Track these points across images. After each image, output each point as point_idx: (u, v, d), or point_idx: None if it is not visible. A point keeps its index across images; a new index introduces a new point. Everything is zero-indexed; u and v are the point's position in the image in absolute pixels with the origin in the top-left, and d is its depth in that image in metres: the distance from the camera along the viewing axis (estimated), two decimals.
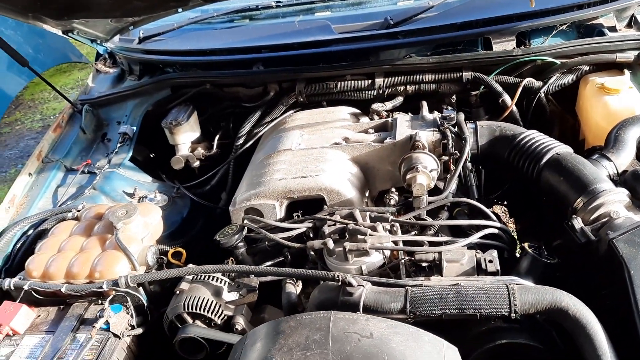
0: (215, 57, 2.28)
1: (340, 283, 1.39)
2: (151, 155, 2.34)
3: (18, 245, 1.83)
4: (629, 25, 2.05)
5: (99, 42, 2.44)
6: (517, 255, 1.60)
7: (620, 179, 1.55)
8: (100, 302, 1.60)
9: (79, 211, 1.87)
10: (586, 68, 1.97)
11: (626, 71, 1.91)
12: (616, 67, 1.95)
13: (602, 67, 1.96)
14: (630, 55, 1.91)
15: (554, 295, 1.26)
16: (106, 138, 2.27)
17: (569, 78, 1.97)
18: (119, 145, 2.18)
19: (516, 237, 1.83)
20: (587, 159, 1.59)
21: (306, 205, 1.72)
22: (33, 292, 1.62)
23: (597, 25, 2.05)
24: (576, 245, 1.45)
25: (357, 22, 2.18)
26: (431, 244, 1.53)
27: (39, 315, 1.62)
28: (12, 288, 1.62)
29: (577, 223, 1.45)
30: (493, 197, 1.95)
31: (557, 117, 2.05)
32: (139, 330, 1.58)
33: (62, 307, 1.63)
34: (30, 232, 1.86)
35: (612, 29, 2.02)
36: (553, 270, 1.46)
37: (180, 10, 2.20)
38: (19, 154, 5.55)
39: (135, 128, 2.24)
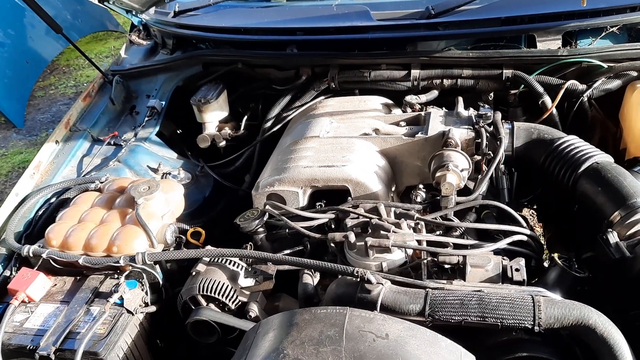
0: (249, 37, 2.24)
1: (359, 279, 1.35)
2: (178, 132, 2.32)
3: (40, 213, 1.83)
4: None
5: (134, 13, 2.42)
6: (545, 265, 1.54)
7: None
8: (116, 276, 1.60)
9: (102, 183, 1.86)
10: (634, 74, 1.87)
11: None
12: None
13: None
14: None
15: (581, 312, 1.21)
16: (135, 111, 2.26)
17: (615, 83, 1.87)
18: (146, 119, 2.16)
19: (544, 245, 1.76)
20: (629, 170, 1.51)
21: (330, 196, 1.68)
22: (51, 261, 1.62)
23: None
24: (609, 260, 1.38)
25: (397, 10, 2.10)
26: (456, 246, 1.48)
27: (55, 284, 1.63)
28: (31, 255, 1.63)
29: (613, 237, 1.38)
30: (524, 201, 1.88)
31: (599, 123, 1.96)
32: (153, 308, 1.58)
33: (78, 278, 1.63)
34: (52, 200, 1.87)
35: None
36: (582, 284, 1.40)
37: None
38: (51, 119, 5.62)
39: (164, 103, 2.22)
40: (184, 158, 2.17)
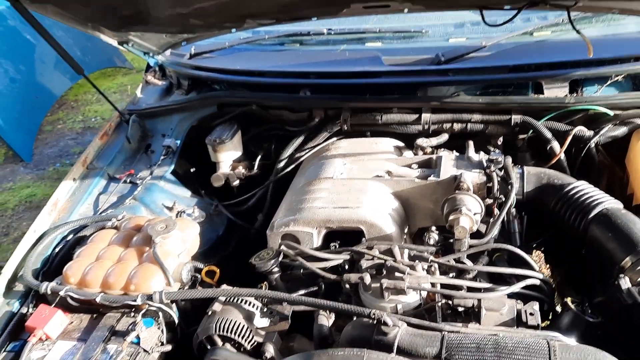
0: (263, 79, 2.31)
1: (375, 321, 1.37)
2: (191, 170, 2.36)
3: (57, 250, 1.85)
4: None
5: (151, 54, 2.50)
6: (557, 309, 1.56)
7: None
8: (132, 314, 1.61)
9: (119, 220, 1.89)
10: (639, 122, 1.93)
11: None
12: None
13: None
14: None
15: (596, 357, 1.22)
16: (150, 149, 2.30)
17: (622, 130, 1.93)
18: (162, 158, 2.21)
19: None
20: (638, 216, 1.54)
21: (343, 237, 1.71)
22: (68, 299, 1.64)
23: None
24: (621, 306, 1.40)
25: (408, 56, 2.18)
26: (470, 289, 1.50)
27: (72, 322, 1.64)
28: (49, 292, 1.64)
29: (625, 283, 1.41)
30: (533, 244, 1.90)
31: (606, 168, 2.00)
32: (168, 347, 1.59)
33: (95, 315, 1.65)
34: (69, 237, 1.89)
35: None
36: (595, 329, 1.42)
37: (234, 30, 2.24)
38: (59, 153, 5.69)
39: (179, 142, 2.27)
40: (198, 196, 2.20)
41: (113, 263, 1.70)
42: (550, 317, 1.57)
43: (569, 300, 1.44)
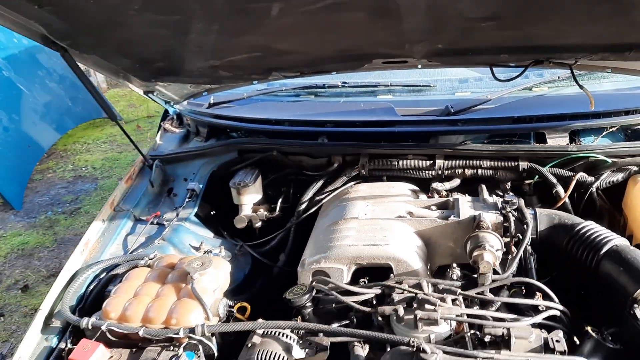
0: (281, 127, 2.45)
1: (415, 349, 1.46)
2: (212, 213, 2.45)
3: (91, 287, 1.91)
4: None
5: (172, 103, 2.63)
6: (575, 339, 1.67)
7: None
8: (172, 348, 1.66)
9: (151, 259, 1.96)
10: (635, 168, 2.12)
11: None
12: None
13: None
14: None
15: None
16: (173, 193, 2.40)
17: (619, 176, 2.11)
18: (187, 200, 2.30)
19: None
20: None
21: (371, 273, 1.82)
22: (108, 334, 1.69)
23: None
24: (637, 333, 1.52)
25: (418, 107, 2.36)
26: (496, 320, 1.61)
27: (112, 356, 1.68)
28: (90, 327, 1.69)
29: (639, 312, 1.54)
30: (544, 281, 2.03)
31: (606, 212, 2.17)
32: None
33: (134, 350, 1.69)
34: (102, 275, 1.95)
35: None
36: (615, 356, 1.53)
37: (256, 82, 2.40)
38: (49, 201, 5.68)
39: (202, 185, 2.37)
40: (221, 238, 2.29)
41: (151, 299, 1.76)
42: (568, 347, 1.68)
43: (589, 328, 1.56)
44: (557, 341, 1.50)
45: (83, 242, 2.04)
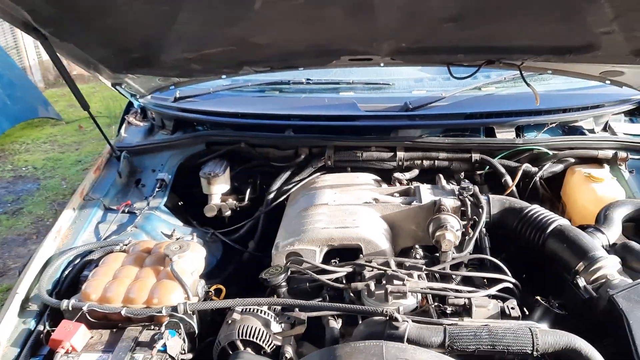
0: (248, 120, 2.55)
1: (387, 318, 1.59)
2: (180, 203, 2.51)
3: (66, 272, 1.93)
4: (604, 130, 2.48)
5: (138, 97, 2.67)
6: (525, 309, 1.86)
7: (612, 249, 1.87)
8: (152, 327, 1.72)
9: (126, 245, 2.01)
10: (572, 160, 2.36)
11: (605, 165, 2.31)
12: (596, 162, 2.34)
13: (585, 160, 2.36)
14: (609, 153, 2.31)
15: (569, 338, 1.51)
16: (141, 183, 2.44)
17: (559, 167, 2.35)
18: (156, 190, 2.35)
19: None
20: (584, 231, 1.91)
21: (341, 254, 1.94)
22: (88, 315, 1.72)
23: (578, 127, 2.47)
24: (579, 301, 1.73)
25: (379, 104, 2.52)
26: (458, 292, 1.77)
27: (93, 337, 1.72)
28: (70, 309, 1.72)
29: (582, 282, 1.74)
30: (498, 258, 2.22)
31: (547, 200, 2.40)
32: (189, 356, 1.71)
33: (115, 330, 1.74)
34: (77, 261, 1.98)
35: (591, 131, 2.45)
36: (561, 321, 1.73)
37: (224, 77, 2.48)
38: None
39: (170, 176, 2.43)
40: (191, 226, 2.35)
41: (131, 281, 1.81)
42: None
43: (538, 298, 1.75)
44: (512, 308, 1.68)
45: (55, 230, 2.06)
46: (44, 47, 1.85)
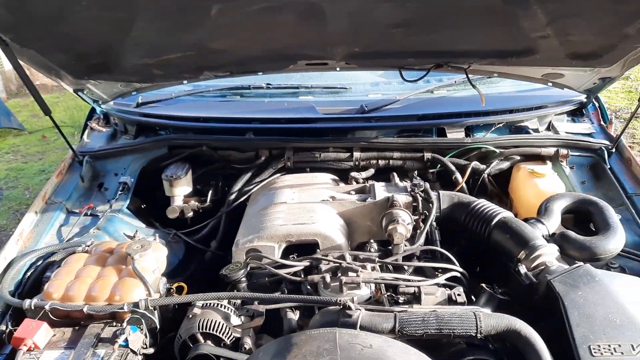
0: (209, 124, 2.62)
1: (341, 307, 1.68)
2: (142, 206, 2.55)
3: (28, 274, 1.96)
4: (547, 129, 2.63)
5: (100, 102, 2.71)
6: (472, 297, 1.97)
7: (551, 239, 1.99)
8: (115, 324, 1.77)
9: (88, 246, 2.05)
10: (518, 157, 2.50)
11: (548, 162, 2.46)
12: (539, 159, 2.49)
13: (529, 157, 2.50)
14: (552, 150, 2.46)
15: (509, 320, 1.62)
16: (104, 187, 2.48)
17: (506, 164, 2.49)
18: (119, 193, 2.39)
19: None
20: (526, 222, 2.04)
21: (300, 250, 2.02)
22: (50, 314, 1.76)
23: (524, 126, 2.61)
24: (521, 287, 1.84)
25: (337, 107, 2.62)
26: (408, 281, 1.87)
27: (55, 335, 1.76)
28: (33, 308, 1.75)
29: (523, 269, 1.86)
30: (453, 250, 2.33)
31: (495, 195, 2.53)
32: (151, 350, 1.76)
33: (77, 328, 1.78)
34: (39, 263, 2.01)
35: (536, 130, 2.60)
36: (504, 306, 1.84)
37: (185, 82, 2.55)
38: None
39: (133, 179, 2.47)
40: (154, 228, 2.40)
41: (93, 280, 1.86)
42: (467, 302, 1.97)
43: (483, 285, 1.86)
44: (458, 295, 1.79)
45: (17, 233, 2.09)
46: (5, 53, 1.89)
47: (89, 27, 1.81)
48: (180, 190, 2.45)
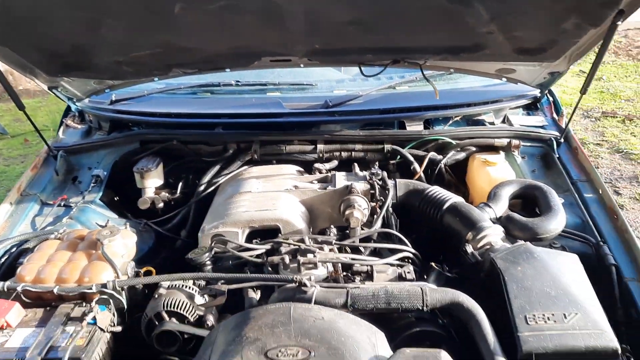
0: (180, 119, 2.73)
1: (297, 284, 1.79)
2: (115, 199, 2.65)
3: (2, 260, 2.05)
4: (503, 122, 2.78)
5: (74, 100, 2.81)
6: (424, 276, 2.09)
7: (497, 221, 2.13)
8: (84, 304, 1.87)
9: (60, 234, 2.14)
10: (473, 148, 2.64)
11: (501, 152, 2.60)
12: (493, 149, 2.63)
13: (484, 148, 2.64)
14: (504, 141, 2.60)
15: (453, 294, 1.75)
16: (77, 180, 2.57)
17: (462, 155, 2.63)
18: (92, 185, 2.49)
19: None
20: (475, 207, 2.17)
21: (262, 235, 2.14)
22: (22, 296, 1.86)
23: (480, 120, 2.75)
24: (468, 265, 1.97)
25: (303, 102, 2.75)
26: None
27: (27, 315, 1.85)
28: (5, 290, 1.85)
29: (469, 249, 1.99)
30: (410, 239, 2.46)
31: (453, 185, 2.66)
32: (119, 328, 1.86)
33: (48, 308, 1.87)
34: (13, 249, 2.10)
35: (492, 123, 2.74)
36: (453, 283, 1.96)
37: (156, 79, 2.66)
38: None
39: (106, 172, 2.57)
40: (125, 219, 2.50)
41: (64, 263, 1.96)
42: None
43: (433, 264, 1.99)
44: (408, 272, 1.91)
45: None
46: None
47: (60, 25, 1.92)
48: (151, 182, 2.56)
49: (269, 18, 2.00)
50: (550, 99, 2.92)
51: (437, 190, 2.24)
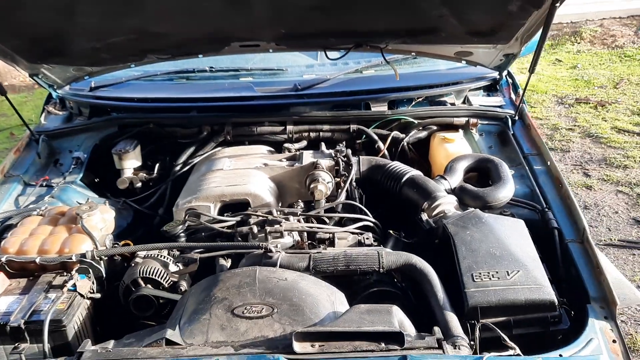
0: (157, 104, 2.86)
1: (263, 251, 1.94)
2: (95, 180, 2.78)
3: None
4: (463, 102, 2.94)
5: (55, 87, 2.92)
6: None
7: (452, 192, 2.29)
8: (65, 274, 2.00)
9: (42, 210, 2.27)
10: (435, 127, 2.80)
11: (460, 130, 2.76)
12: (453, 128, 2.79)
13: (444, 127, 2.80)
14: (463, 120, 2.76)
15: (407, 256, 1.90)
16: (59, 162, 2.70)
17: (424, 134, 2.78)
18: (73, 166, 2.62)
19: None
20: (432, 179, 2.33)
21: (233, 209, 2.28)
22: (6, 267, 1.99)
23: (442, 101, 2.91)
24: (423, 232, 2.13)
25: (273, 87, 2.89)
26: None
27: (11, 284, 1.98)
28: None
29: (424, 217, 2.15)
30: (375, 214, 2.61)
31: (416, 162, 2.82)
32: (98, 295, 2.00)
33: (31, 278, 2.01)
34: None
35: (453, 104, 2.90)
36: (409, 248, 2.12)
37: (133, 65, 2.78)
38: None
39: (86, 155, 2.70)
40: (105, 198, 2.63)
41: (46, 236, 2.09)
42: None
43: (391, 231, 2.15)
44: (367, 239, 2.07)
45: None
46: None
47: (37, 12, 2.03)
48: (129, 164, 2.69)
49: (235, 4, 2.14)
50: (510, 80, 3.08)
51: (396, 165, 2.40)
